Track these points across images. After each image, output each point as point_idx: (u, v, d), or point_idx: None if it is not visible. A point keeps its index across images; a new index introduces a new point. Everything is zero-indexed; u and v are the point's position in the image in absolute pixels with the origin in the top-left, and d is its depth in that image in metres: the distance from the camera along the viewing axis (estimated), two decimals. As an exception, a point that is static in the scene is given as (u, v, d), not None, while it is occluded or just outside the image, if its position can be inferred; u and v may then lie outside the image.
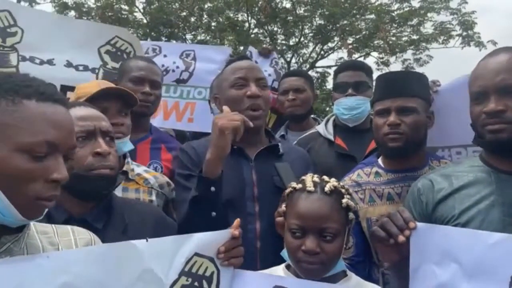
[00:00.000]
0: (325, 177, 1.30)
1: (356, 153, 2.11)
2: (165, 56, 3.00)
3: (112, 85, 1.80)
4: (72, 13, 12.19)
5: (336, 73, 2.36)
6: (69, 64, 2.46)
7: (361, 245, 1.64)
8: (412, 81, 1.70)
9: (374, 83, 2.35)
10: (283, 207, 1.32)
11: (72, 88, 2.04)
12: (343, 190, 1.26)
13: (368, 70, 2.31)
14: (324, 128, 2.29)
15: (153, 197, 1.63)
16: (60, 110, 0.88)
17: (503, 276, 0.98)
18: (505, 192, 1.28)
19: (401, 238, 1.08)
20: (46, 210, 0.88)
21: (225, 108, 1.53)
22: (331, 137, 2.22)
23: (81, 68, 2.49)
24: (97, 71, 2.51)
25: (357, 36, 12.60)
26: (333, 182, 1.27)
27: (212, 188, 1.46)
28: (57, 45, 2.44)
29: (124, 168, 1.64)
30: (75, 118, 1.23)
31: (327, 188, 1.23)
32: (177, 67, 3.06)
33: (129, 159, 1.71)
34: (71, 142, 0.90)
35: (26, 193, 0.83)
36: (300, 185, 1.28)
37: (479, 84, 1.30)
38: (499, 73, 1.26)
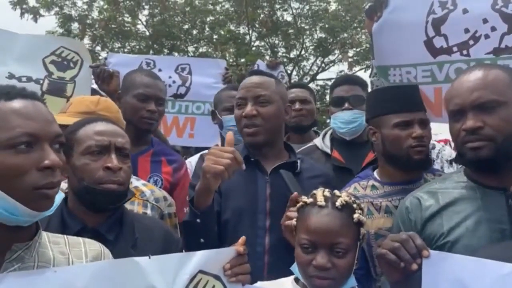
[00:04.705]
0: (337, 192, 1.30)
1: (353, 166, 2.15)
2: (160, 70, 2.98)
3: (113, 105, 1.84)
4: (76, 25, 12.35)
5: (332, 87, 2.41)
6: (11, 76, 2.46)
7: (362, 258, 1.65)
8: (419, 94, 1.79)
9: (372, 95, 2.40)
10: (293, 221, 1.32)
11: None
12: (354, 205, 1.26)
13: (363, 84, 2.36)
14: (322, 141, 2.32)
15: (148, 210, 1.64)
16: (30, 103, 0.92)
17: None
18: (491, 207, 1.29)
19: (414, 267, 1.08)
20: (56, 205, 0.91)
21: (228, 136, 1.49)
22: (328, 150, 2.26)
23: (24, 79, 2.48)
24: (41, 81, 2.52)
25: (358, 49, 12.70)
26: (344, 197, 1.26)
27: (198, 220, 1.48)
28: None
29: None
30: (93, 132, 1.31)
31: (338, 203, 1.22)
32: (174, 81, 3.07)
33: None
34: (52, 129, 0.92)
35: (22, 186, 0.86)
36: (311, 200, 1.27)
37: (456, 102, 1.32)
38: (474, 90, 1.29)
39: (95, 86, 2.69)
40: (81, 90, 2.55)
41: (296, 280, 1.31)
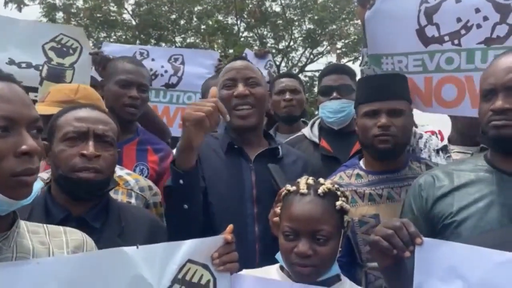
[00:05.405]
0: (321, 180, 1.29)
1: (340, 155, 2.15)
2: (153, 60, 3.02)
3: (93, 93, 1.82)
4: (61, 14, 12.10)
5: (321, 77, 2.40)
6: (11, 62, 2.49)
7: (346, 245, 1.65)
8: (398, 84, 1.75)
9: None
10: (278, 209, 1.31)
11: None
12: (338, 193, 1.25)
13: (351, 74, 2.35)
14: (310, 131, 2.32)
15: (132, 200, 1.62)
16: (6, 86, 0.87)
17: None
18: (506, 192, 1.28)
19: (407, 254, 1.08)
20: (35, 194, 0.88)
21: (212, 90, 1.45)
22: (316, 140, 2.26)
23: (24, 65, 2.52)
24: (41, 67, 2.54)
25: (346, 41, 12.72)
26: (327, 184, 1.25)
27: (181, 181, 1.42)
28: None
29: None
30: (73, 118, 1.29)
31: (320, 191, 1.22)
32: (166, 71, 3.08)
33: None
34: (29, 113, 0.89)
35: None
36: (294, 188, 1.27)
37: (489, 82, 1.31)
38: (509, 72, 1.27)
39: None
40: (80, 76, 2.56)
41: (282, 268, 1.30)
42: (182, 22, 12.77)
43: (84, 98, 1.74)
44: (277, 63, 12.96)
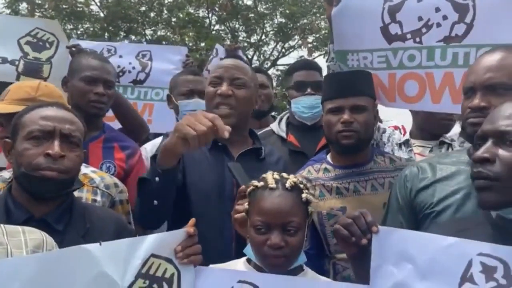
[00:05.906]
0: (284, 174, 1.33)
1: (307, 150, 2.19)
2: (120, 56, 3.01)
3: (55, 90, 1.79)
4: (24, 5, 11.65)
5: (291, 72, 2.43)
6: None
7: (314, 238, 1.69)
8: (361, 80, 1.79)
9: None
10: (245, 205, 1.34)
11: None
12: (302, 186, 1.30)
13: (320, 70, 2.40)
14: (277, 126, 2.36)
15: (98, 197, 1.60)
16: None
17: (454, 277, 1.01)
18: None
19: (364, 241, 1.14)
20: None
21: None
22: (284, 135, 2.29)
23: None
24: (17, 62, 2.51)
25: (317, 35, 12.83)
26: (292, 178, 1.30)
27: (156, 179, 1.44)
28: None
29: None
30: (38, 117, 1.26)
31: (288, 184, 1.27)
32: (133, 67, 3.06)
33: None
34: None
35: None
36: (261, 183, 1.30)
37: (469, 80, 1.35)
38: (488, 70, 1.30)
39: None
40: (58, 71, 2.51)
41: (248, 260, 1.34)
42: (152, 14, 12.53)
43: (45, 96, 1.70)
44: (249, 56, 12.94)
